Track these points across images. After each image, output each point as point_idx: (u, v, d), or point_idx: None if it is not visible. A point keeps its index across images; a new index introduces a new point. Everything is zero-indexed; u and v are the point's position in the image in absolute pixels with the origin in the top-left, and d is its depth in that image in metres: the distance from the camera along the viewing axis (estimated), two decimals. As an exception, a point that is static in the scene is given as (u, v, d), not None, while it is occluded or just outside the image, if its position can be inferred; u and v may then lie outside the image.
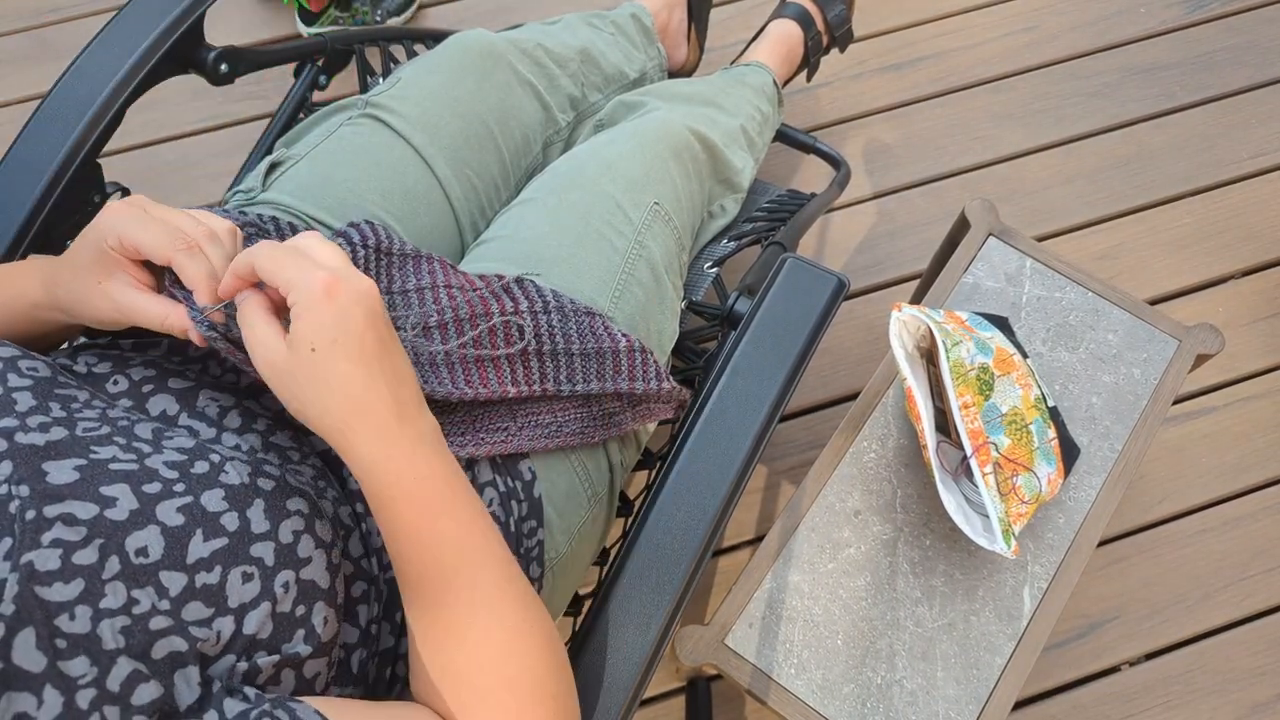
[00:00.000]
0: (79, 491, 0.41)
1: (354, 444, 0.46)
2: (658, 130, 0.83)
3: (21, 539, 0.38)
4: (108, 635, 0.38)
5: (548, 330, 0.65)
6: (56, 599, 0.37)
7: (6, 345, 0.48)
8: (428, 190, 0.77)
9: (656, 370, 0.69)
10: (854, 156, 1.50)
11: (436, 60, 0.84)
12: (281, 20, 1.60)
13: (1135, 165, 1.49)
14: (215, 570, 0.43)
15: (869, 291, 1.40)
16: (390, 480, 0.46)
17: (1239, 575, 1.22)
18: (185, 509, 0.43)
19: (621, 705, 0.56)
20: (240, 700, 0.40)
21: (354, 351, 0.44)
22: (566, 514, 0.68)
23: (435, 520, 0.47)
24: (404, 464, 0.46)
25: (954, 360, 0.84)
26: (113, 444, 0.45)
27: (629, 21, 1.06)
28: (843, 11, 1.25)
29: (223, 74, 0.83)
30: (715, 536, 0.61)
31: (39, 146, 0.71)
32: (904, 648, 0.85)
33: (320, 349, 0.44)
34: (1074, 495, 0.92)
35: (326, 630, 0.48)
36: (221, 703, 0.40)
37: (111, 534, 0.40)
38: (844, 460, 0.93)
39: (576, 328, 0.66)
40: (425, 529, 0.47)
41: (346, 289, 0.44)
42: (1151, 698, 1.16)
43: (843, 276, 0.68)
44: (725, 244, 0.94)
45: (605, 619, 0.58)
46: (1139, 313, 1.00)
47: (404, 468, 0.46)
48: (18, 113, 1.52)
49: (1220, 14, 1.61)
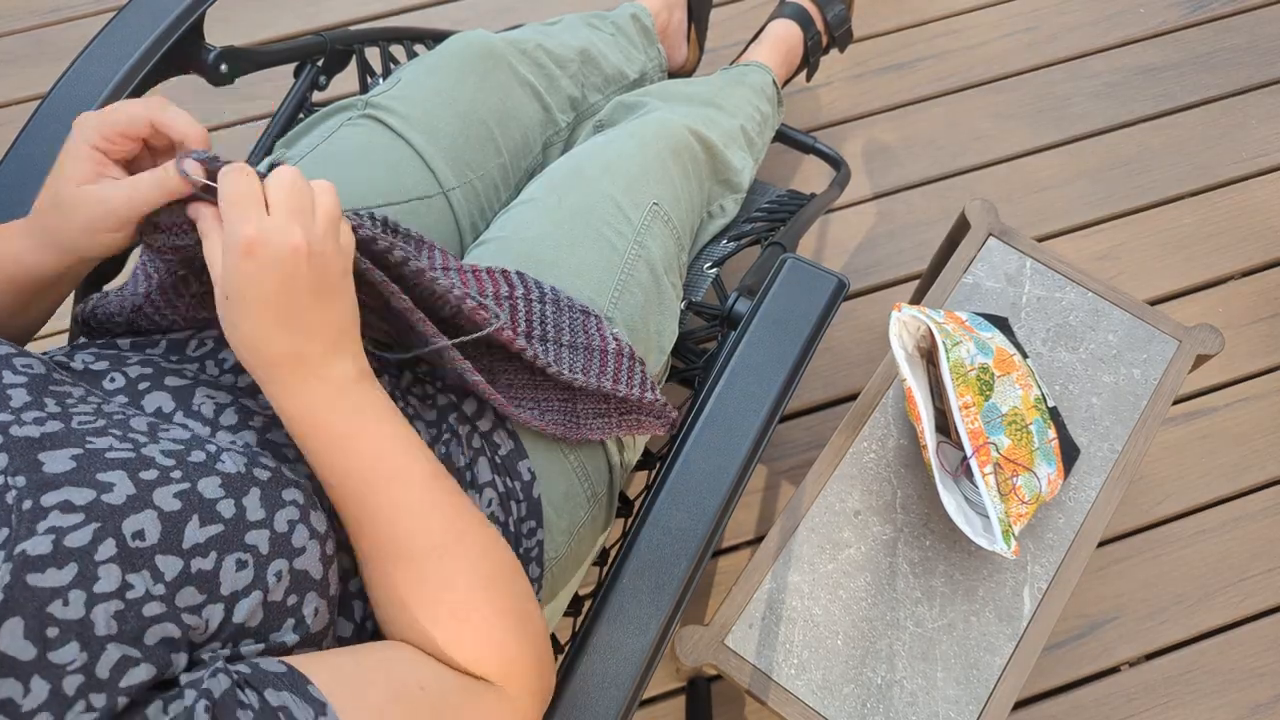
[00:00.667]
0: (76, 478, 0.41)
1: (260, 381, 0.49)
2: (657, 130, 0.83)
3: (18, 529, 0.38)
4: (100, 620, 0.38)
5: (539, 318, 0.66)
6: (49, 585, 0.37)
7: (1, 343, 0.48)
8: (427, 191, 0.78)
9: (643, 379, 0.69)
10: (854, 156, 1.50)
11: (436, 61, 0.84)
12: (282, 20, 1.60)
13: (1135, 165, 1.49)
14: (210, 556, 0.43)
15: (869, 291, 1.40)
16: (290, 415, 0.49)
17: (1239, 575, 1.22)
18: (182, 495, 0.43)
19: (621, 705, 0.56)
20: (200, 668, 0.41)
21: (255, 307, 0.46)
22: (566, 514, 0.68)
23: (338, 449, 0.49)
24: (301, 402, 0.49)
25: (954, 360, 0.84)
26: (109, 435, 0.45)
27: (629, 22, 1.06)
28: (842, 11, 1.25)
29: (223, 74, 0.83)
30: (715, 537, 0.61)
31: (39, 147, 0.71)
32: (904, 648, 0.85)
33: (232, 298, 0.46)
34: (1074, 495, 0.92)
35: (317, 621, 0.48)
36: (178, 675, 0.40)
37: (109, 517, 0.40)
38: (844, 461, 0.93)
39: (569, 322, 0.67)
40: (328, 455, 0.49)
41: (266, 251, 0.45)
42: (1151, 698, 1.16)
43: (843, 277, 0.68)
44: (725, 244, 0.94)
45: (605, 619, 0.58)
46: (1139, 313, 1.00)
47: (302, 405, 0.49)
48: (18, 113, 1.52)
49: (1220, 14, 1.61)
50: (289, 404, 0.49)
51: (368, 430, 0.50)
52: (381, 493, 0.49)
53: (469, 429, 0.64)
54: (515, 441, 0.65)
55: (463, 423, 0.65)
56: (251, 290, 0.45)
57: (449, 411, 0.65)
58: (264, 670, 0.41)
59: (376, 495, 0.49)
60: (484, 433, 0.64)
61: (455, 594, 0.49)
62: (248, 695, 0.39)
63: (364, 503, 0.49)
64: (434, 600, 0.49)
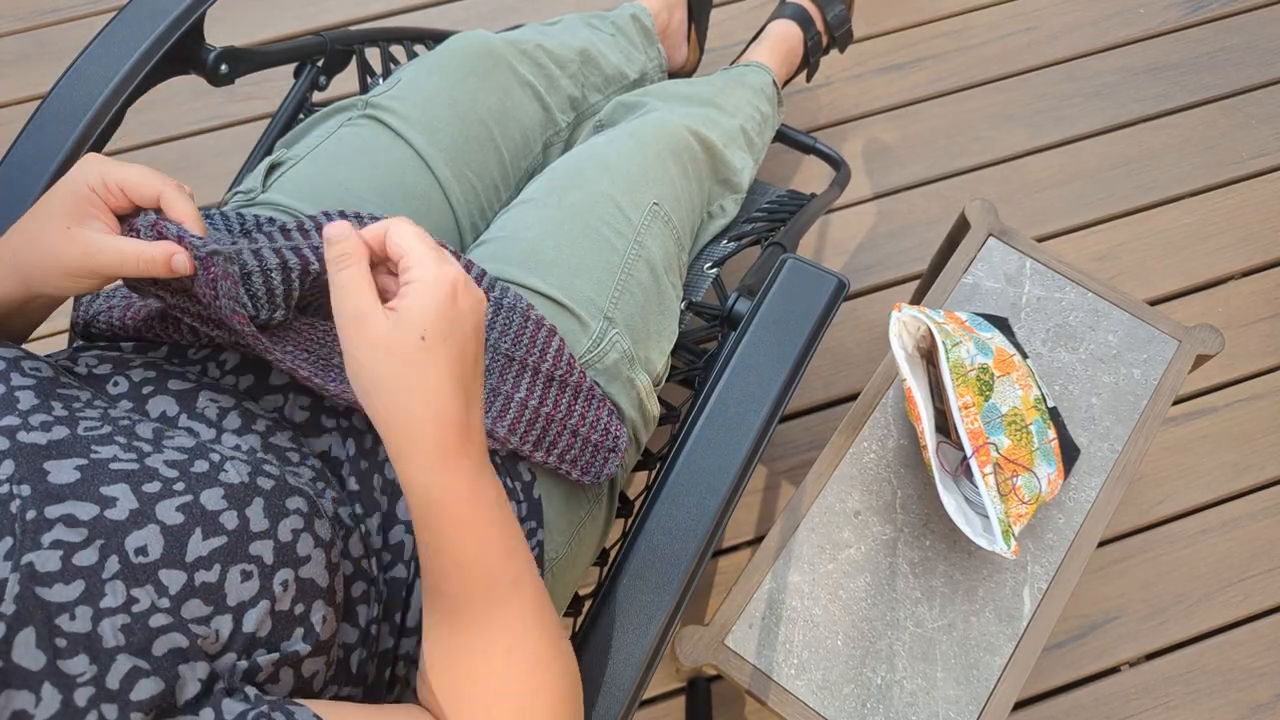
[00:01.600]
0: (80, 492, 0.41)
1: (415, 449, 0.44)
2: (657, 130, 0.83)
3: (22, 539, 0.38)
4: (108, 633, 0.38)
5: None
6: (57, 599, 0.37)
7: (9, 346, 0.48)
8: (427, 191, 0.78)
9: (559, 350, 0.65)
10: (854, 157, 1.50)
11: (436, 61, 0.84)
12: (282, 20, 1.60)
13: (1135, 166, 1.49)
14: (214, 568, 0.43)
15: (869, 292, 1.40)
16: (444, 498, 0.45)
17: (1239, 575, 1.22)
18: (185, 508, 0.43)
19: (621, 705, 0.56)
20: (240, 700, 0.41)
21: (455, 356, 0.43)
22: (566, 514, 0.68)
23: (481, 544, 0.46)
24: (461, 484, 0.45)
25: (954, 361, 0.84)
26: (114, 443, 0.45)
27: (629, 22, 1.06)
28: (842, 12, 1.25)
29: (223, 74, 0.83)
30: (715, 537, 0.61)
31: (40, 147, 0.71)
32: (904, 648, 0.85)
33: (430, 338, 0.42)
34: (1074, 495, 0.92)
35: (325, 629, 0.48)
36: (220, 702, 0.40)
37: (111, 534, 0.41)
38: (844, 461, 0.93)
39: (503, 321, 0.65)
40: (469, 551, 0.46)
41: (469, 295, 0.43)
42: (1151, 698, 1.16)
43: (843, 277, 0.68)
44: (725, 244, 0.94)
45: (605, 619, 0.58)
46: (1139, 313, 1.00)
47: (460, 488, 0.45)
48: (18, 113, 1.52)
49: (1220, 14, 1.61)
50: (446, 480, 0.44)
51: (509, 523, 0.47)
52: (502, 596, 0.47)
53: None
54: (516, 442, 0.65)
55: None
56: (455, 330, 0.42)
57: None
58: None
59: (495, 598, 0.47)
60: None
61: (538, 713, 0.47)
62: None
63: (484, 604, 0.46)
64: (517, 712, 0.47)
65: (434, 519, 0.45)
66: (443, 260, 0.43)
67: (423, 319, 0.42)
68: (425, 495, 0.45)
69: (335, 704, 0.45)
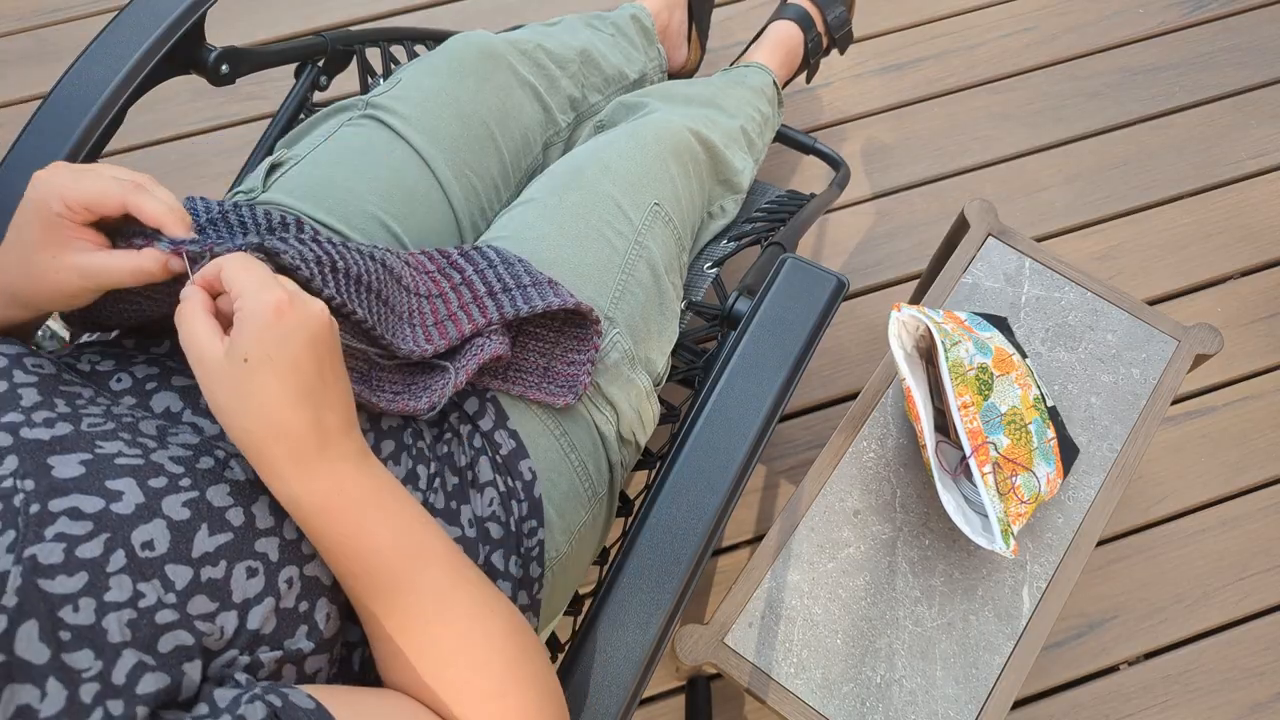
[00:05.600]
0: (85, 485, 0.41)
1: (269, 463, 0.45)
2: (657, 131, 0.83)
3: (25, 532, 0.38)
4: (113, 628, 0.38)
5: (495, 277, 0.66)
6: (60, 591, 0.37)
7: (12, 343, 0.49)
8: (428, 191, 0.78)
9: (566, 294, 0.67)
10: (854, 157, 1.50)
11: (437, 61, 0.84)
12: (282, 20, 1.60)
13: (1135, 165, 1.49)
14: (220, 565, 0.43)
15: (869, 291, 1.41)
16: (309, 500, 0.46)
17: (1238, 575, 1.22)
18: (191, 503, 0.43)
19: (621, 704, 0.57)
20: (231, 687, 0.41)
21: (285, 371, 0.43)
22: (567, 514, 0.68)
23: (363, 532, 0.46)
24: (324, 483, 0.46)
25: (953, 360, 0.84)
26: (118, 439, 0.45)
27: (629, 23, 1.07)
28: (843, 13, 1.25)
29: (223, 74, 0.83)
30: (715, 536, 0.61)
31: (40, 147, 0.71)
32: (903, 647, 0.85)
33: (252, 361, 0.43)
34: (1073, 495, 0.92)
35: (329, 626, 0.48)
36: (211, 694, 0.40)
37: (118, 528, 0.41)
38: (843, 460, 0.93)
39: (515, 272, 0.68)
40: (352, 540, 0.46)
41: (296, 313, 0.43)
42: (1150, 697, 1.16)
43: (842, 277, 0.68)
44: (725, 244, 0.94)
45: (605, 618, 0.59)
46: (1138, 313, 1.00)
47: (324, 486, 0.46)
48: (18, 113, 1.52)
49: (1220, 14, 1.61)
50: (308, 486, 0.45)
51: (387, 508, 0.48)
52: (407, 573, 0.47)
53: (470, 428, 0.65)
54: (516, 441, 0.65)
55: (464, 422, 0.65)
56: (279, 349, 0.43)
57: (450, 411, 0.65)
58: (294, 704, 0.41)
59: (401, 578, 0.47)
60: (485, 432, 0.64)
61: (489, 679, 0.48)
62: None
63: (396, 585, 0.47)
64: (466, 684, 0.47)
65: (311, 523, 0.46)
66: (265, 286, 0.44)
67: (245, 344, 0.43)
68: (294, 504, 0.46)
69: (326, 686, 0.45)
